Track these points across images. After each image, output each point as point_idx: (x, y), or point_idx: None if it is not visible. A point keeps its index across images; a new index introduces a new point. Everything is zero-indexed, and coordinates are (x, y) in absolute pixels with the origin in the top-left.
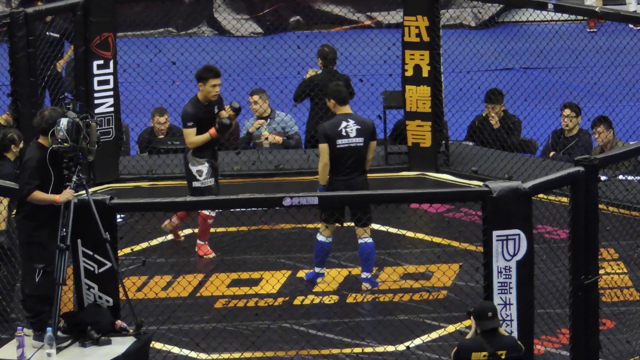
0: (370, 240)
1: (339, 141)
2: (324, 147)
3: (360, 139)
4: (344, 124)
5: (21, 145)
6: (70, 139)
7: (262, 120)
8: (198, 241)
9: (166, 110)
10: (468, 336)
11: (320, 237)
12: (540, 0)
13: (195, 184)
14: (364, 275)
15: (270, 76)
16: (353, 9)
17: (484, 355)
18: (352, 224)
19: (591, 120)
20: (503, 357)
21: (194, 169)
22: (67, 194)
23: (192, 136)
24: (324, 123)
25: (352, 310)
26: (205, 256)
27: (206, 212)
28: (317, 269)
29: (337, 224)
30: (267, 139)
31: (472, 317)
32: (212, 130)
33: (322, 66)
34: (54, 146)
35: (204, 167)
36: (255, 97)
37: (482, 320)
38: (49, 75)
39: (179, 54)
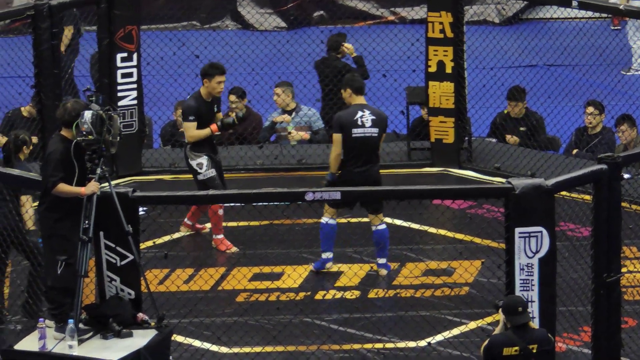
0: (384, 226)
1: (355, 130)
2: (338, 137)
3: (375, 130)
4: (359, 113)
5: (31, 147)
6: (95, 131)
7: (287, 116)
8: (215, 237)
9: None
10: (497, 330)
11: (324, 219)
12: None
13: (198, 177)
14: (381, 261)
15: (294, 70)
16: (377, 4)
17: (516, 350)
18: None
19: (614, 118)
20: (534, 351)
21: (193, 163)
22: (92, 187)
23: (192, 130)
24: (339, 112)
25: (373, 305)
26: (227, 251)
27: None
28: (323, 255)
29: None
30: (290, 133)
31: (501, 312)
32: (214, 127)
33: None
34: (78, 139)
35: (203, 160)
36: (278, 90)
37: (513, 315)
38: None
39: (203, 47)
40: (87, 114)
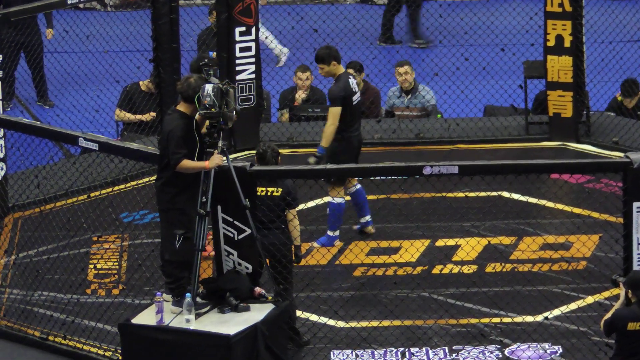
0: (359, 185)
1: (354, 98)
2: (338, 111)
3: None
4: (350, 80)
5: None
6: (217, 104)
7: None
8: None
9: (309, 67)
10: (617, 305)
11: (335, 200)
12: None
13: None
14: (367, 219)
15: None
16: None
17: None
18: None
19: None
20: None
21: None
22: (217, 159)
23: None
24: (337, 85)
25: (490, 280)
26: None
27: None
28: (330, 233)
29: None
30: (403, 112)
31: (625, 287)
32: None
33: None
34: (200, 112)
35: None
36: (402, 69)
37: (639, 290)
38: None
39: (321, 21)
40: (209, 87)
